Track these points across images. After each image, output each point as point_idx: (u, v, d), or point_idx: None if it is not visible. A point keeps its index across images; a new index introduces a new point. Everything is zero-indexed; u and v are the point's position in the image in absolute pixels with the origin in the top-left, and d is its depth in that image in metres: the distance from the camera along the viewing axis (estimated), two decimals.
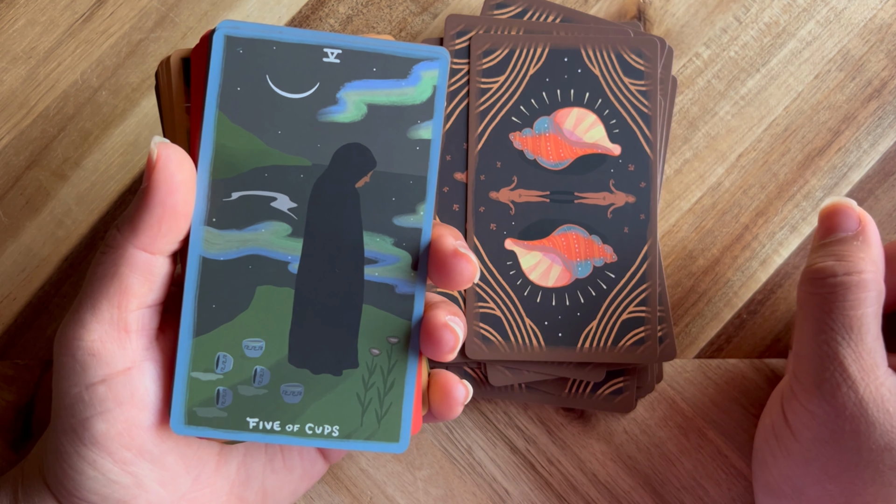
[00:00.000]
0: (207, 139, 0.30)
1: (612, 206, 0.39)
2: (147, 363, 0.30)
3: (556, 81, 0.39)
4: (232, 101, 0.30)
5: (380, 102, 0.30)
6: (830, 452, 0.32)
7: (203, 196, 0.30)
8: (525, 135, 0.39)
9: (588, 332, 0.39)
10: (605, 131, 0.39)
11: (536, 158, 0.39)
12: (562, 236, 0.39)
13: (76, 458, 0.30)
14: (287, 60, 0.30)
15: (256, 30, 0.29)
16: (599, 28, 0.40)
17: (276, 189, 0.30)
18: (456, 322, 0.31)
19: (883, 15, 0.43)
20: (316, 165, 0.30)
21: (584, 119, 0.39)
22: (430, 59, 0.30)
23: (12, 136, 0.42)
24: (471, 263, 0.30)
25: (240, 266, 0.30)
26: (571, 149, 0.39)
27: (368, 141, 0.30)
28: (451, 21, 0.40)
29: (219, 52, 0.29)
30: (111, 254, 0.29)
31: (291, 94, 0.30)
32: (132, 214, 0.29)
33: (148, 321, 0.30)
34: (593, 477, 0.41)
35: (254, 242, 0.30)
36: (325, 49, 0.30)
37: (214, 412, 0.30)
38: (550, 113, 0.39)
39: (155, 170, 0.28)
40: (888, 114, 0.42)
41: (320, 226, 0.30)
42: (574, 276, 0.39)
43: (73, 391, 0.30)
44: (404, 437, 0.31)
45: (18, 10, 0.43)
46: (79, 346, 0.29)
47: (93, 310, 0.29)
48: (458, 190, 0.39)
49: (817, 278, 0.33)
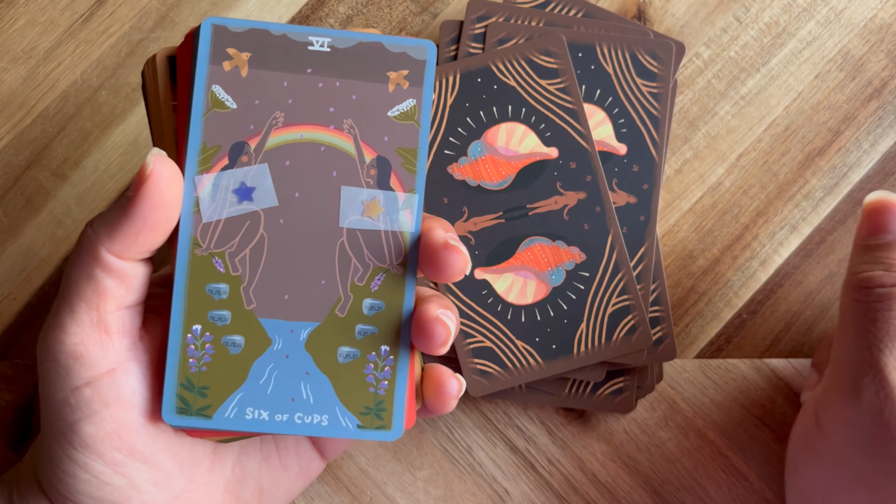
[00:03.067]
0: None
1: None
2: (131, 363, 0.30)
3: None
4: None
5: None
6: (862, 458, 0.32)
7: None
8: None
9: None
10: (613, 129, 0.39)
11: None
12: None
13: (67, 461, 0.30)
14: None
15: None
16: (619, 27, 0.40)
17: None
18: (447, 315, 0.31)
19: (883, 15, 0.43)
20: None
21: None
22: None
23: (12, 136, 0.42)
24: (462, 255, 0.30)
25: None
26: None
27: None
28: (473, 5, 0.40)
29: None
30: (85, 255, 0.29)
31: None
32: (110, 220, 0.29)
33: (129, 322, 0.30)
34: (593, 477, 0.41)
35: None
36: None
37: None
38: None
39: (145, 184, 0.28)
40: (888, 114, 0.42)
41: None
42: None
43: (59, 395, 0.29)
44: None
45: (18, 10, 0.43)
46: (61, 351, 0.29)
47: (71, 313, 0.29)
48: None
49: (864, 287, 0.33)
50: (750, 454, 0.40)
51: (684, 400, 0.41)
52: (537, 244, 0.39)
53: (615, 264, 0.39)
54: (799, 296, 0.42)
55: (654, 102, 0.40)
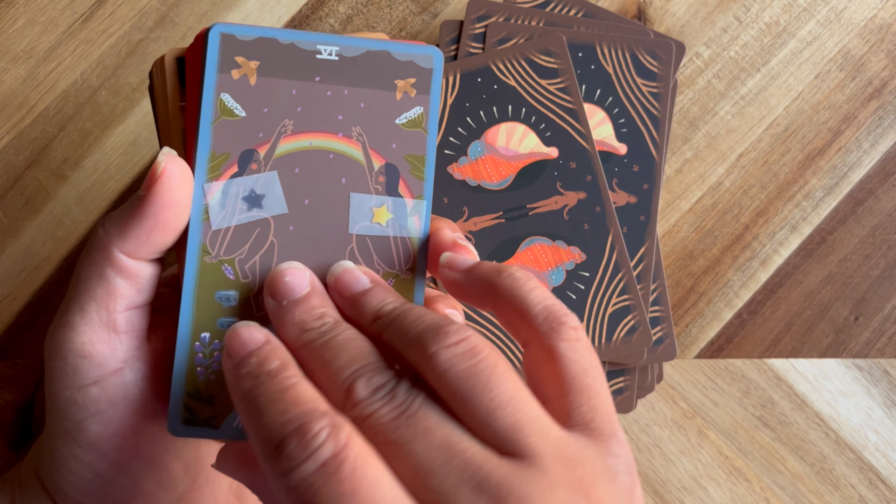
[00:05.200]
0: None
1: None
2: (139, 363, 0.30)
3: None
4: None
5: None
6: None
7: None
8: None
9: None
10: (613, 129, 0.39)
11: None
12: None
13: (72, 460, 0.30)
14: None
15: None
16: (619, 26, 0.40)
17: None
18: (455, 316, 0.31)
19: (883, 15, 0.43)
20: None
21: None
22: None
23: (12, 136, 0.42)
24: (470, 255, 0.30)
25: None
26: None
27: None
28: (473, 5, 0.40)
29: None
30: (96, 255, 0.29)
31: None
32: (122, 220, 0.29)
33: (137, 322, 0.30)
34: None
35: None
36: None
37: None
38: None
39: (156, 183, 0.28)
40: (888, 113, 0.42)
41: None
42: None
43: (66, 394, 0.29)
44: None
45: (18, 9, 0.43)
46: (69, 349, 0.29)
47: (81, 312, 0.29)
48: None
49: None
50: (750, 454, 0.40)
51: (684, 400, 0.41)
52: (537, 244, 0.39)
53: (615, 264, 0.39)
54: (799, 296, 0.42)
55: (655, 102, 0.40)
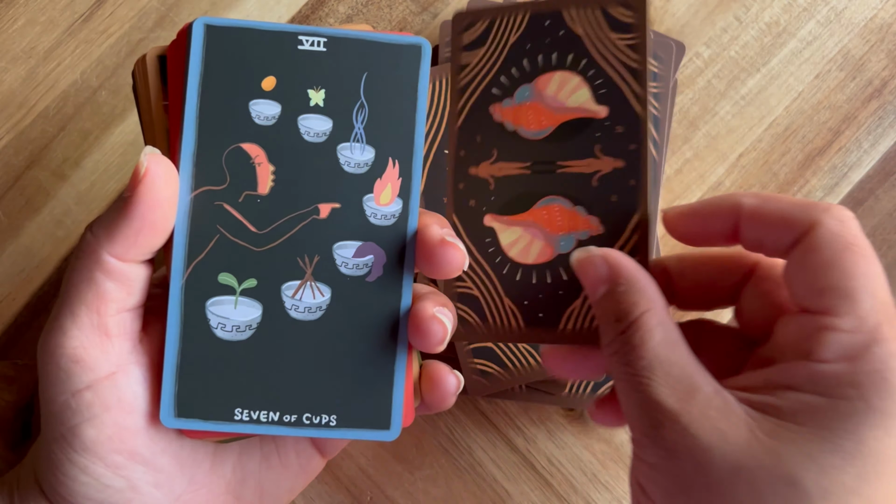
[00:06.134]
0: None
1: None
2: (132, 366, 0.30)
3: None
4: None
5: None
6: (685, 502, 0.28)
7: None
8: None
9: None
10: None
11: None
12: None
13: (68, 465, 0.30)
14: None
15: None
16: None
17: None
18: (444, 313, 0.31)
19: (883, 15, 0.43)
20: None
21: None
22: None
23: (12, 135, 0.42)
24: (459, 251, 0.30)
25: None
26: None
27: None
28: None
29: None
30: (85, 259, 0.29)
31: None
32: (109, 222, 0.29)
33: (129, 324, 0.30)
34: (593, 477, 0.41)
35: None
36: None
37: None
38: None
39: (141, 183, 0.28)
40: (888, 113, 0.42)
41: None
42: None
43: (60, 399, 0.29)
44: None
45: (18, 9, 0.43)
46: (62, 354, 0.29)
47: (72, 316, 0.29)
48: (444, 166, 0.39)
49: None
50: None
51: None
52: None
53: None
54: None
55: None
